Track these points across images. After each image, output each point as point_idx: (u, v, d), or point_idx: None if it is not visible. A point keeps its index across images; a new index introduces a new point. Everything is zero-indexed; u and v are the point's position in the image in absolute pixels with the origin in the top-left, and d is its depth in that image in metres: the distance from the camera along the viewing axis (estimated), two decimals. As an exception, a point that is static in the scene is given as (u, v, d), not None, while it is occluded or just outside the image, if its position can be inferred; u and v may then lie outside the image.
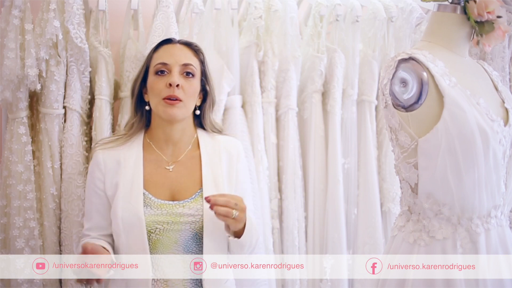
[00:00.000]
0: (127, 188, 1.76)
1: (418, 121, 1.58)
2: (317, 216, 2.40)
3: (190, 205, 1.74)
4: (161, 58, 1.81)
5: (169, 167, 1.81)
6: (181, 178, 1.79)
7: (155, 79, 1.80)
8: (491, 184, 1.56)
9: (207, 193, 1.75)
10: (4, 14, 2.04)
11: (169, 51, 1.82)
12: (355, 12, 2.40)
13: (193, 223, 1.74)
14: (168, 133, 1.81)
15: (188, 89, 1.78)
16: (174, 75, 1.76)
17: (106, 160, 1.80)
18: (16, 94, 2.07)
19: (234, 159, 1.86)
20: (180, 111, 1.77)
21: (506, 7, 2.03)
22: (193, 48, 1.86)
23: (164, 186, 1.78)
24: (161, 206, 1.74)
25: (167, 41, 1.87)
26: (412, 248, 1.61)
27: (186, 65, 1.80)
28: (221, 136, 1.90)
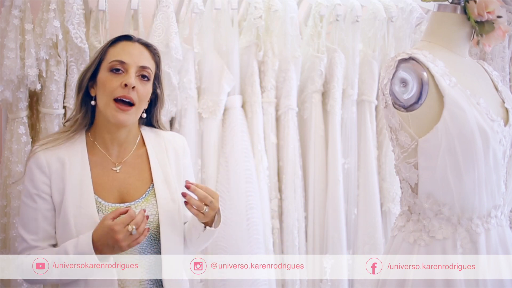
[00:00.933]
0: (76, 193, 1.64)
1: (418, 121, 1.57)
2: (317, 216, 2.40)
3: (142, 205, 1.67)
4: (118, 55, 1.68)
5: (115, 168, 1.71)
6: (129, 179, 1.71)
7: (108, 76, 1.66)
8: (491, 184, 1.56)
9: (159, 189, 1.69)
10: (4, 14, 2.04)
11: (128, 49, 1.70)
12: (355, 12, 2.41)
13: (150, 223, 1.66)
14: (114, 134, 1.71)
15: (142, 92, 1.67)
16: (131, 76, 1.65)
17: (49, 161, 1.66)
18: (16, 94, 2.07)
19: (181, 155, 1.79)
20: (130, 117, 1.67)
21: (506, 7, 2.03)
22: (152, 50, 1.75)
23: (112, 188, 1.69)
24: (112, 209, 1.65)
25: (126, 37, 1.74)
26: (412, 248, 1.60)
27: (144, 67, 1.69)
28: (165, 132, 1.81)
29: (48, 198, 1.65)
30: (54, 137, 1.71)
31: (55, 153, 1.67)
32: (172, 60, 2.17)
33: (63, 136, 1.70)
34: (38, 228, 1.64)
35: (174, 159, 1.77)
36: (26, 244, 1.65)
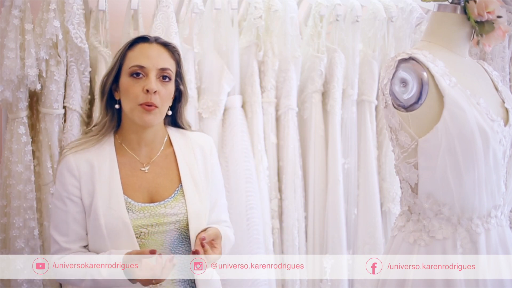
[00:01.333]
0: (106, 194, 1.67)
1: (418, 121, 1.57)
2: (317, 216, 2.40)
3: (172, 204, 1.69)
4: (137, 59, 1.69)
5: (144, 168, 1.73)
6: (158, 179, 1.72)
7: (130, 81, 1.68)
8: (491, 184, 1.56)
9: (187, 190, 1.71)
10: (4, 14, 2.04)
11: (146, 52, 1.70)
12: (355, 12, 2.41)
13: (177, 223, 1.69)
14: (141, 135, 1.73)
15: (164, 94, 1.69)
16: (151, 81, 1.66)
17: (79, 165, 1.68)
18: (16, 94, 2.07)
19: (208, 154, 1.80)
20: (156, 117, 1.68)
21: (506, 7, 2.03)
22: (170, 49, 1.75)
23: (141, 188, 1.71)
24: (142, 209, 1.68)
25: (143, 39, 1.74)
26: (412, 248, 1.61)
27: (164, 69, 1.69)
28: (191, 133, 1.83)
29: (78, 201, 1.67)
30: (83, 141, 1.73)
31: (84, 156, 1.69)
32: (172, 60, 2.17)
33: (92, 139, 1.72)
34: (69, 230, 1.67)
35: (201, 159, 1.78)
36: (58, 246, 1.68)
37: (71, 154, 1.70)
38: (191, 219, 1.69)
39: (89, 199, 1.67)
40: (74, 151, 1.70)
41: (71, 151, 1.70)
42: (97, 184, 1.67)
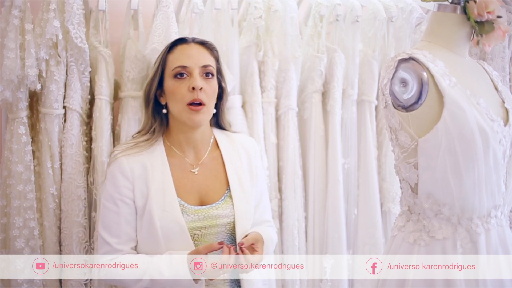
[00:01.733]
0: (160, 196, 1.69)
1: (418, 121, 1.58)
2: (317, 216, 2.40)
3: (222, 206, 1.74)
4: (179, 60, 1.73)
5: (194, 170, 1.77)
6: (207, 181, 1.76)
7: (174, 83, 1.72)
8: (491, 184, 1.56)
9: (235, 193, 1.75)
10: (4, 14, 2.04)
11: (186, 52, 1.75)
12: (355, 12, 2.40)
13: (227, 224, 1.74)
14: (189, 136, 1.76)
15: (209, 91, 1.73)
16: (196, 78, 1.70)
17: (133, 167, 1.71)
18: (16, 94, 2.07)
19: (252, 156, 1.85)
20: (204, 116, 1.72)
21: (506, 7, 2.03)
22: (208, 46, 1.80)
23: (192, 190, 1.74)
24: (195, 212, 1.72)
25: (181, 40, 1.79)
26: (412, 248, 1.61)
27: (206, 66, 1.73)
28: (236, 135, 1.88)
29: (130, 203, 1.69)
30: (134, 144, 1.76)
31: (137, 159, 1.72)
32: (172, 60, 2.17)
33: (144, 144, 1.75)
34: (121, 232, 1.69)
35: (247, 161, 1.83)
36: (109, 247, 1.70)
37: (124, 156, 1.72)
38: (237, 220, 1.74)
39: (143, 201, 1.69)
40: (127, 153, 1.73)
41: (124, 153, 1.73)
42: (151, 186, 1.69)
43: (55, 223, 2.13)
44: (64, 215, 2.12)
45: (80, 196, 2.12)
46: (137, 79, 2.21)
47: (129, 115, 2.20)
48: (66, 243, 2.11)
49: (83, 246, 2.12)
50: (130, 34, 2.23)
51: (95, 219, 2.15)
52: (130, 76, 2.20)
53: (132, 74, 2.20)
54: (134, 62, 2.19)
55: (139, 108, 2.23)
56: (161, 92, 1.78)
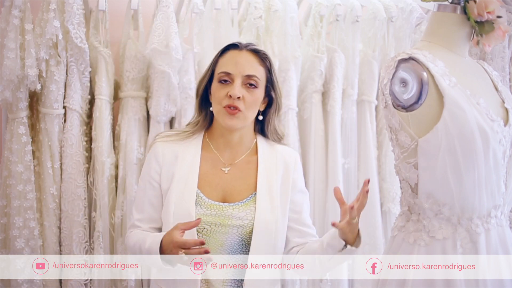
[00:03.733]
0: (182, 184, 1.74)
1: (418, 121, 1.57)
2: (317, 216, 2.40)
3: (241, 208, 1.73)
4: (225, 66, 1.75)
5: (225, 168, 1.79)
6: (235, 181, 1.77)
7: (218, 86, 1.76)
8: (491, 184, 1.56)
9: (260, 198, 1.74)
10: (4, 14, 2.04)
11: (235, 59, 1.76)
12: (355, 12, 2.40)
13: (240, 227, 1.72)
14: (227, 137, 1.80)
15: (249, 100, 1.74)
16: (235, 87, 1.72)
17: (165, 152, 1.78)
18: (16, 94, 2.07)
19: (291, 169, 1.83)
20: (239, 121, 1.74)
21: (506, 7, 2.03)
22: (260, 56, 1.79)
23: (217, 187, 1.76)
24: (211, 206, 1.73)
25: (234, 46, 1.80)
26: (412, 248, 1.60)
27: (250, 76, 1.74)
28: (279, 146, 1.87)
29: (156, 186, 1.77)
30: (176, 133, 1.85)
31: (171, 146, 1.79)
32: (172, 60, 2.17)
33: (184, 134, 1.83)
34: (144, 210, 1.78)
35: (283, 172, 1.82)
36: (132, 222, 1.81)
37: (161, 142, 1.81)
38: (257, 226, 1.72)
39: (167, 186, 1.75)
40: (164, 140, 1.81)
41: (162, 139, 1.82)
42: (177, 173, 1.75)
43: (55, 223, 2.13)
44: (64, 215, 2.12)
45: (80, 196, 2.12)
46: (137, 79, 2.21)
47: (129, 115, 2.20)
48: (66, 243, 2.11)
49: (83, 246, 2.12)
50: (130, 34, 2.23)
51: (95, 219, 2.15)
52: (130, 76, 2.20)
53: (132, 74, 2.20)
54: (134, 62, 2.19)
55: (139, 108, 2.23)
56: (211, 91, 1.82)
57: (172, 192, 1.74)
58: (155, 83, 2.20)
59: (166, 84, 2.19)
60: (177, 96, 2.23)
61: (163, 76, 2.17)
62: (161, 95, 2.20)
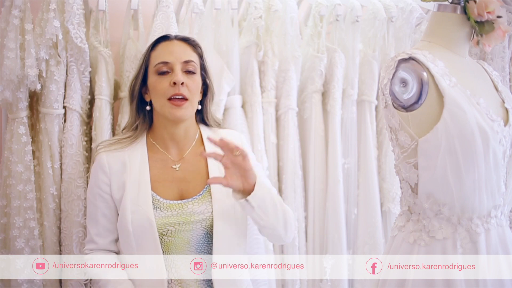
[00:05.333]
0: (135, 190, 1.72)
1: (418, 121, 1.57)
2: (317, 216, 2.40)
3: (199, 201, 1.72)
4: (160, 57, 1.76)
5: (175, 166, 1.78)
6: (188, 176, 1.77)
7: (157, 79, 1.75)
8: (491, 184, 1.56)
9: (215, 188, 1.73)
10: (4, 14, 2.04)
11: (168, 48, 1.77)
12: (355, 12, 2.40)
13: (203, 221, 1.72)
14: (173, 132, 1.78)
15: (192, 86, 1.75)
16: (177, 73, 1.72)
17: (111, 162, 1.75)
18: (16, 94, 2.07)
19: None
20: (187, 111, 1.74)
21: (506, 7, 2.03)
22: (191, 43, 1.82)
23: (171, 185, 1.75)
24: (170, 206, 1.72)
25: (164, 38, 1.82)
26: (412, 248, 1.61)
27: (188, 62, 1.76)
28: (222, 130, 1.88)
29: (107, 197, 1.75)
30: (117, 140, 1.81)
31: (117, 155, 1.76)
32: (172, 60, 2.17)
33: (126, 140, 1.80)
34: (98, 224, 1.76)
35: None
36: (89, 237, 1.80)
37: (104, 152, 1.78)
38: (215, 216, 1.71)
39: (119, 195, 1.73)
40: (107, 149, 1.78)
41: (104, 149, 1.78)
42: (127, 181, 1.73)
43: (55, 223, 2.13)
44: (64, 215, 2.12)
45: (80, 196, 2.12)
46: (137, 79, 2.21)
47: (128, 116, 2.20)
48: (66, 243, 2.11)
49: (83, 246, 2.12)
50: (130, 34, 2.23)
51: (95, 219, 2.15)
52: (130, 76, 2.19)
53: (132, 74, 2.19)
54: (134, 62, 2.19)
55: (139, 108, 2.23)
56: (145, 89, 1.80)
57: (126, 200, 1.71)
58: (155, 83, 2.19)
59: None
60: (177, 96, 2.23)
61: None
62: (161, 95, 2.19)
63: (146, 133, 1.82)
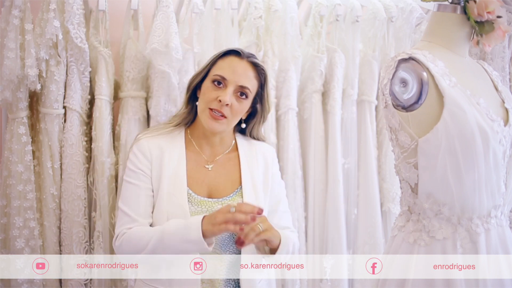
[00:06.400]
0: (171, 183, 1.75)
1: (418, 121, 1.57)
2: (317, 216, 2.40)
3: (228, 203, 1.75)
4: (222, 70, 1.77)
5: (208, 166, 1.82)
6: (220, 178, 1.80)
7: (209, 86, 1.78)
8: (491, 184, 1.56)
9: (246, 192, 1.77)
10: (4, 14, 2.04)
11: (233, 66, 1.78)
12: (355, 12, 2.40)
13: None
14: (209, 137, 1.83)
15: (236, 108, 1.77)
16: (227, 94, 1.74)
17: (151, 148, 1.78)
18: (16, 94, 2.07)
19: (270, 163, 1.88)
20: (221, 126, 1.77)
21: (506, 7, 2.03)
22: (258, 70, 1.82)
23: (203, 183, 1.79)
24: (201, 203, 1.75)
25: (236, 53, 1.82)
26: (412, 248, 1.61)
27: (243, 87, 1.77)
28: (257, 142, 1.92)
29: (149, 179, 1.76)
30: (157, 128, 1.86)
31: (156, 142, 1.80)
32: (172, 60, 2.17)
33: (166, 127, 1.84)
34: (140, 204, 1.74)
35: (263, 166, 1.87)
36: (128, 218, 1.72)
37: (145, 138, 1.81)
38: None
39: (157, 182, 1.75)
40: (148, 136, 1.82)
41: (145, 136, 1.82)
42: (165, 171, 1.76)
43: (55, 223, 2.13)
44: (64, 215, 2.12)
45: (80, 196, 2.12)
46: (137, 79, 2.21)
47: (129, 115, 2.20)
48: (66, 243, 2.11)
49: (83, 246, 2.12)
50: (130, 34, 2.23)
51: (95, 219, 2.15)
52: (130, 76, 2.20)
53: (132, 74, 2.20)
54: (134, 62, 2.19)
55: (139, 108, 2.23)
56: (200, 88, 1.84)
57: (163, 191, 1.74)
58: (155, 83, 2.20)
59: (166, 84, 2.19)
60: (177, 96, 2.23)
61: (163, 76, 2.17)
62: (161, 95, 2.19)
63: (186, 128, 1.86)
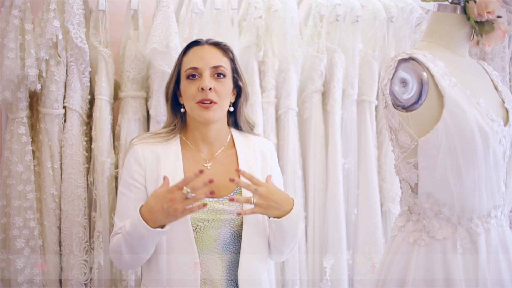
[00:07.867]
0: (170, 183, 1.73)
1: (418, 121, 1.57)
2: (317, 216, 2.40)
3: (230, 202, 1.74)
4: (191, 62, 1.80)
5: (207, 164, 1.82)
6: (219, 176, 1.79)
7: (187, 83, 1.80)
8: (491, 184, 1.56)
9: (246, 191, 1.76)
10: (4, 14, 2.04)
11: (198, 54, 1.81)
12: (355, 12, 2.40)
13: (232, 221, 1.75)
14: (204, 133, 1.83)
15: (221, 90, 1.78)
16: (205, 79, 1.76)
17: (146, 154, 1.78)
18: (16, 94, 2.07)
19: (268, 158, 1.89)
20: (215, 113, 1.78)
21: (506, 7, 2.03)
22: (222, 47, 1.85)
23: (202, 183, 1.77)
24: None
25: (195, 43, 1.86)
26: (412, 248, 1.60)
27: (217, 67, 1.79)
28: (253, 136, 1.92)
29: (142, 188, 1.76)
30: (152, 135, 1.85)
31: (151, 148, 1.80)
32: (172, 60, 2.17)
33: (161, 136, 1.83)
34: (128, 215, 1.73)
35: (261, 161, 1.87)
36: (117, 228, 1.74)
37: (139, 144, 1.81)
38: (246, 219, 1.75)
39: (154, 187, 1.74)
40: (142, 142, 1.81)
41: (139, 142, 1.81)
42: (162, 173, 1.75)
43: (55, 223, 2.13)
44: (64, 215, 2.12)
45: (80, 196, 2.12)
46: (137, 79, 2.21)
47: (129, 115, 2.20)
48: (66, 243, 2.11)
49: (83, 246, 2.12)
50: (130, 34, 2.23)
51: (95, 219, 2.15)
52: (130, 76, 2.20)
53: (132, 74, 2.20)
54: (134, 62, 2.19)
55: (139, 108, 2.23)
56: (180, 92, 1.85)
57: None
58: (155, 83, 2.20)
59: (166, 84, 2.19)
60: (177, 96, 2.23)
61: (163, 76, 2.17)
62: (161, 95, 2.19)
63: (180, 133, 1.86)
